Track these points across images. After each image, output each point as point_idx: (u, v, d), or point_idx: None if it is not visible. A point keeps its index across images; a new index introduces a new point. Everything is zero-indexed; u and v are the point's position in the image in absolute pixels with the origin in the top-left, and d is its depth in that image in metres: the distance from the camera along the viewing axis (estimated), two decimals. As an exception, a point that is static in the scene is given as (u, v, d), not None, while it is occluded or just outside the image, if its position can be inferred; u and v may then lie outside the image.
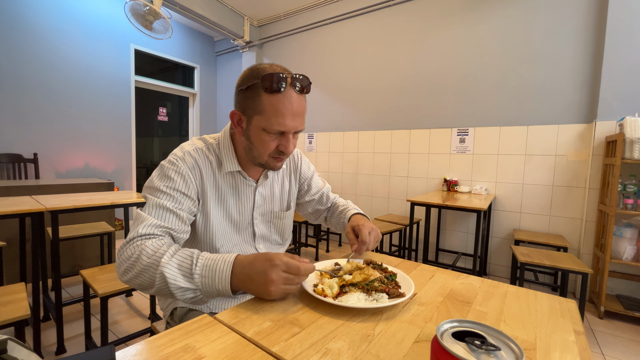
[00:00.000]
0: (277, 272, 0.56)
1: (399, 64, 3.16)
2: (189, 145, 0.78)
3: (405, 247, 2.65)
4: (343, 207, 1.01)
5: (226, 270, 0.58)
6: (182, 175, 0.73)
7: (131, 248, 0.62)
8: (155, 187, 0.71)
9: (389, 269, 0.72)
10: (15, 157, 2.90)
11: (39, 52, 3.02)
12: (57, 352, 1.51)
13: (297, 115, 0.70)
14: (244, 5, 3.79)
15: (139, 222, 0.66)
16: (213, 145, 0.81)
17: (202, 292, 0.59)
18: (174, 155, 0.76)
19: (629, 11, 2.11)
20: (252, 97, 0.70)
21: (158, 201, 0.69)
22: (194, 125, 4.78)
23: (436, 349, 0.35)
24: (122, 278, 0.63)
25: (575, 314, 0.59)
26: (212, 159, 0.79)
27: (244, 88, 0.71)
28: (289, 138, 0.73)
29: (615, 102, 2.16)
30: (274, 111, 0.68)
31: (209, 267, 0.59)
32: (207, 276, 0.58)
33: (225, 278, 0.58)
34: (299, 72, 0.71)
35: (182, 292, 0.59)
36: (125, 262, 0.62)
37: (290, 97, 0.69)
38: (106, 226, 2.20)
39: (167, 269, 0.58)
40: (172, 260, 0.59)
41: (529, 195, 2.57)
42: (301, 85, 0.70)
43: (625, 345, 1.72)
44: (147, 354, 0.43)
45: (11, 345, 0.33)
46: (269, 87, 0.67)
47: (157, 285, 0.59)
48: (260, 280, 0.56)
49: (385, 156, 3.31)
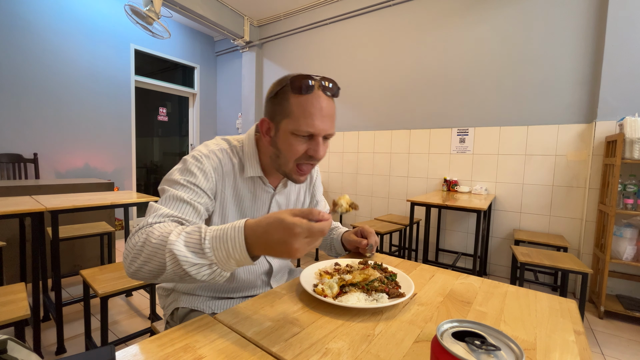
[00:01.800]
0: (300, 241, 0.50)
1: (399, 64, 3.16)
2: (214, 145, 0.77)
3: (405, 247, 2.65)
4: (333, 226, 1.03)
5: (238, 237, 0.52)
6: (204, 172, 0.71)
7: (137, 236, 0.58)
8: (174, 180, 0.69)
9: (389, 269, 0.72)
10: (15, 157, 2.90)
11: (39, 52, 3.02)
12: (57, 352, 1.51)
13: (326, 117, 0.68)
14: (244, 5, 3.79)
15: (150, 212, 0.63)
16: (237, 148, 0.79)
17: (219, 265, 0.53)
18: (198, 151, 0.74)
19: (629, 11, 2.11)
20: (281, 102, 0.69)
21: (175, 193, 0.67)
22: (194, 125, 4.78)
23: (436, 349, 0.35)
24: (129, 270, 0.58)
25: (575, 314, 0.59)
26: (235, 161, 0.78)
27: (273, 95, 0.70)
28: (319, 141, 0.70)
29: (615, 102, 2.16)
30: (303, 112, 0.67)
31: (219, 238, 0.53)
32: (219, 248, 0.53)
33: (240, 245, 0.52)
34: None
35: (197, 268, 0.53)
36: (132, 251, 0.57)
37: (319, 97, 0.68)
38: (106, 226, 2.20)
39: (175, 247, 0.52)
40: (180, 237, 0.54)
41: (529, 195, 2.57)
42: (330, 89, 0.69)
43: (625, 345, 1.72)
44: (147, 354, 0.43)
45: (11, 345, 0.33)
46: (297, 89, 0.66)
47: (169, 267, 0.53)
48: (283, 250, 0.51)
49: (385, 156, 3.31)
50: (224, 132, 4.92)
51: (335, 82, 0.71)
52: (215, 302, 0.81)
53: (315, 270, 0.74)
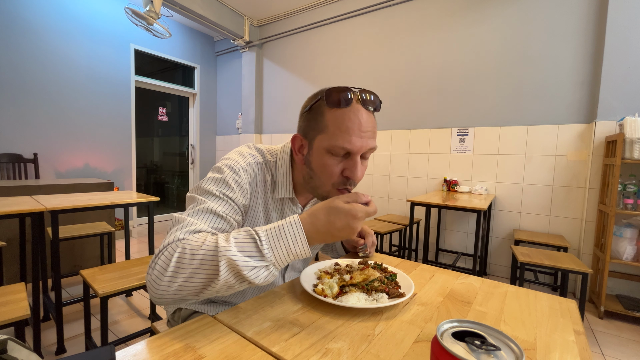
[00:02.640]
0: (360, 223, 0.54)
1: (399, 63, 3.16)
2: (250, 157, 0.72)
3: (405, 247, 2.65)
4: None
5: (299, 233, 0.53)
6: (241, 186, 0.66)
7: (167, 251, 0.53)
8: (207, 190, 0.64)
9: (389, 269, 0.72)
10: (15, 157, 2.90)
11: (39, 52, 3.02)
12: (57, 352, 1.51)
13: (365, 132, 0.61)
14: (244, 5, 3.79)
15: (179, 226, 0.57)
16: (270, 163, 0.74)
17: (276, 265, 0.53)
18: (235, 162, 0.68)
19: (629, 11, 2.11)
20: (315, 117, 0.63)
21: (208, 205, 0.61)
22: (194, 125, 4.78)
23: (436, 349, 0.35)
24: (168, 290, 0.52)
25: (575, 314, 0.59)
26: (267, 178, 0.73)
27: (307, 110, 0.65)
28: (357, 160, 0.62)
29: (615, 102, 2.16)
30: (339, 127, 0.60)
31: (276, 237, 0.52)
32: (278, 246, 0.52)
33: (301, 240, 0.53)
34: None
35: (256, 271, 0.51)
36: (167, 269, 0.52)
37: (357, 111, 0.61)
38: (106, 226, 2.20)
39: (231, 252, 0.50)
40: (230, 243, 0.51)
41: (529, 195, 2.57)
42: (371, 103, 0.63)
43: (625, 345, 1.72)
44: (147, 354, 0.43)
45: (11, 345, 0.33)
46: (334, 101, 0.61)
47: (223, 276, 0.50)
48: (346, 233, 0.54)
49: (385, 156, 3.31)
50: (224, 132, 4.92)
51: (377, 95, 0.65)
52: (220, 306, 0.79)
53: (315, 270, 0.74)
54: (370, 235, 0.87)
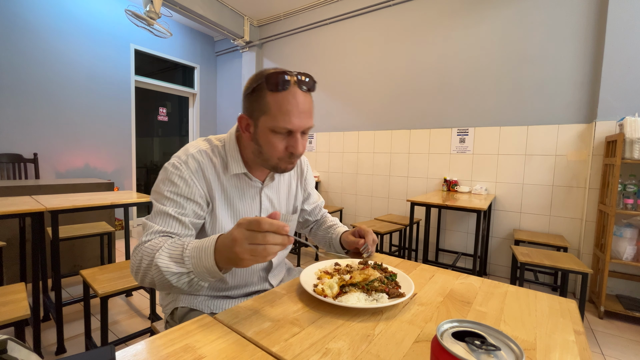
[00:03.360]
0: (240, 231, 0.52)
1: (399, 63, 3.16)
2: (193, 148, 0.77)
3: (405, 247, 2.65)
4: (332, 223, 1.04)
5: (210, 245, 0.58)
6: (184, 180, 0.72)
7: (136, 254, 0.67)
8: (159, 192, 0.73)
9: (389, 269, 0.72)
10: (15, 157, 2.90)
11: (39, 52, 3.02)
12: (57, 352, 1.51)
13: (303, 112, 0.69)
14: (244, 5, 3.79)
15: (145, 230, 0.70)
16: (218, 147, 0.80)
17: (195, 274, 0.59)
18: (177, 158, 0.75)
19: (629, 11, 2.11)
20: (258, 99, 0.69)
21: (162, 208, 0.71)
22: (194, 125, 4.78)
23: (436, 349, 0.35)
24: (138, 282, 0.68)
25: (575, 314, 0.59)
26: (216, 161, 0.78)
27: (250, 92, 0.71)
28: (297, 137, 0.71)
29: (615, 102, 2.16)
30: (280, 109, 0.67)
31: (197, 248, 0.60)
32: (196, 256, 0.59)
33: (209, 253, 0.57)
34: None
35: (177, 277, 0.60)
36: (134, 267, 0.66)
37: (295, 94, 0.68)
38: (106, 226, 2.20)
39: (160, 260, 0.61)
40: (163, 251, 0.62)
41: (529, 195, 2.57)
42: (306, 83, 0.70)
43: (625, 345, 1.72)
44: (147, 354, 0.43)
45: (11, 345, 0.33)
46: (273, 86, 0.67)
47: (157, 278, 0.61)
48: (228, 244, 0.54)
49: (385, 156, 3.31)
50: (224, 131, 4.91)
51: (312, 77, 0.72)
52: (214, 301, 0.81)
53: (315, 270, 0.74)
54: (369, 233, 0.87)
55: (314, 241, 1.07)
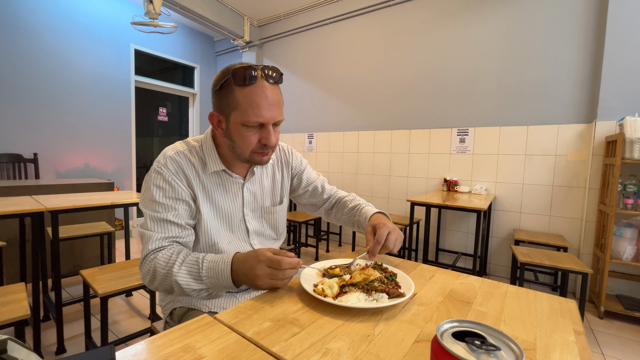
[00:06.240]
0: (262, 268, 0.61)
1: (399, 63, 3.16)
2: (170, 150, 0.78)
3: (405, 247, 2.65)
4: (356, 204, 0.96)
5: (226, 270, 0.65)
6: (168, 182, 0.74)
7: (147, 264, 0.69)
8: (149, 200, 0.74)
9: (389, 269, 0.72)
10: (15, 157, 2.90)
11: (39, 52, 3.02)
12: (57, 352, 1.51)
13: (272, 105, 0.70)
14: (244, 5, 3.79)
15: (146, 239, 0.71)
16: (196, 148, 0.81)
17: (214, 290, 0.68)
18: (157, 163, 0.76)
19: (629, 11, 2.11)
20: (227, 95, 0.70)
21: (156, 215, 0.72)
22: (194, 125, 4.78)
23: (436, 349, 0.35)
24: (152, 289, 0.72)
25: (575, 314, 0.59)
26: (194, 160, 0.78)
27: (218, 88, 0.71)
28: (269, 129, 0.72)
29: (615, 102, 2.16)
30: (249, 103, 0.68)
31: (212, 269, 0.65)
32: (213, 277, 0.65)
33: (227, 277, 0.64)
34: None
35: (198, 292, 0.68)
36: (147, 276, 0.70)
37: (263, 87, 0.69)
38: (106, 226, 2.20)
39: (179, 277, 0.66)
40: (181, 268, 0.66)
41: (529, 195, 2.57)
42: (273, 77, 0.71)
43: (625, 345, 1.72)
44: (147, 354, 0.43)
45: (11, 345, 0.33)
46: (241, 81, 0.68)
47: (177, 290, 0.68)
48: (250, 276, 0.62)
49: (385, 156, 3.31)
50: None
51: (278, 69, 0.73)
52: (214, 301, 0.81)
53: (315, 270, 0.74)
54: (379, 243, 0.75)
55: (339, 224, 1.04)
